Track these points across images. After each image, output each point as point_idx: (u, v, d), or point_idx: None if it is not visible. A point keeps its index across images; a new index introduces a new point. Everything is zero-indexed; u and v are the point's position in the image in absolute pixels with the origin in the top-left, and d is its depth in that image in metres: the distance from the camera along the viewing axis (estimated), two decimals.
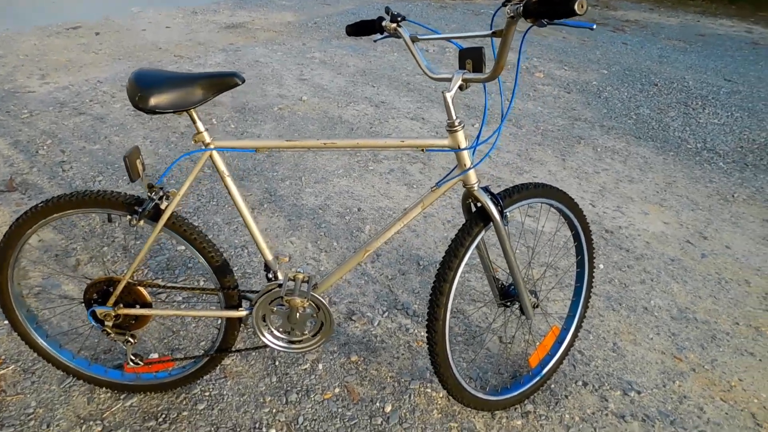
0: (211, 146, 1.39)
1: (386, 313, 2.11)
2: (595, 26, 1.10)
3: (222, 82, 1.33)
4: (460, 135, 1.36)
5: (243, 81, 1.35)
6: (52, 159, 3.17)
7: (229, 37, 5.91)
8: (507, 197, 1.47)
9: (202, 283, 2.23)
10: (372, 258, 2.40)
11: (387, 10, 1.47)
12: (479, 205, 1.43)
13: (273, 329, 1.59)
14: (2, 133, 3.47)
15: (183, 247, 2.39)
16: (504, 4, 1.13)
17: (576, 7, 0.99)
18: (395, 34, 1.46)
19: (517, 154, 3.41)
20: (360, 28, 1.52)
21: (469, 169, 1.39)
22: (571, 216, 1.66)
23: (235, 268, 2.30)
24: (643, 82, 4.89)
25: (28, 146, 3.31)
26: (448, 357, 1.53)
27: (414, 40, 1.44)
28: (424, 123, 3.78)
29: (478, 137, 1.40)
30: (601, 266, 2.44)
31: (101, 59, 5.00)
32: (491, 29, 1.25)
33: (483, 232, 1.47)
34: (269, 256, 1.53)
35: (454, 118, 1.34)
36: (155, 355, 1.90)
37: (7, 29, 5.96)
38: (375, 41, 1.57)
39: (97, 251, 2.39)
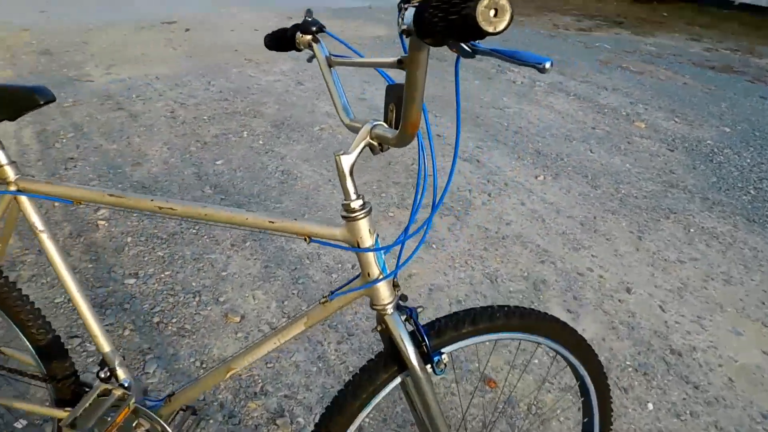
0: (12, 188, 0.97)
1: None
2: (549, 64, 0.54)
3: (22, 100, 0.91)
4: (363, 225, 0.82)
5: (51, 100, 0.92)
6: (63, 154, 2.98)
7: None
8: (446, 330, 0.91)
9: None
10: (343, 336, 1.88)
11: (307, 14, 0.98)
12: None
13: None
14: (36, 120, 3.37)
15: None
16: (399, 9, 0.61)
17: (480, 21, 0.44)
18: (312, 50, 0.97)
19: (580, 221, 2.71)
20: (276, 41, 1.04)
21: (378, 281, 0.85)
22: (575, 362, 1.06)
23: (173, 320, 1.89)
24: None
25: (50, 137, 3.16)
26: None
27: (331, 63, 0.93)
28: (477, 167, 3.17)
29: (406, 231, 0.87)
30: (650, 406, 1.74)
31: (174, 55, 4.92)
32: (405, 52, 0.72)
33: (398, 379, 0.92)
34: (105, 347, 1.08)
35: (353, 197, 0.81)
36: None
37: (106, 20, 6.14)
38: (309, 61, 1.06)
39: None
